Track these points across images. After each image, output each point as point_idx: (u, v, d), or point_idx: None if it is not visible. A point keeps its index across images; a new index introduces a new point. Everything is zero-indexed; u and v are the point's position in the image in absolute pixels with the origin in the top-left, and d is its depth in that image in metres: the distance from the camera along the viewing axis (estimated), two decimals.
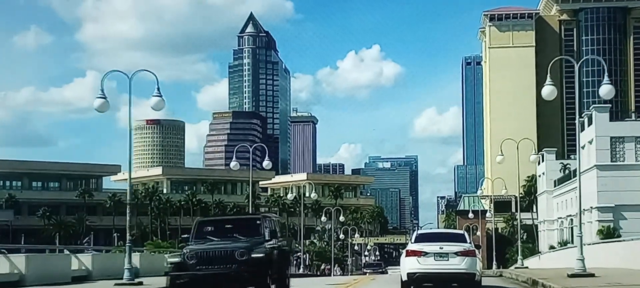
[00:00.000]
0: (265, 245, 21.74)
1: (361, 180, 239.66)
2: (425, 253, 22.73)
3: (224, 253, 21.23)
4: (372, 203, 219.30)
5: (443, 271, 22.62)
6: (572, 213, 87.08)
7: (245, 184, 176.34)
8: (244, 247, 21.36)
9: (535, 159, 61.57)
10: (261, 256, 21.14)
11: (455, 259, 22.53)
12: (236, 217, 29.65)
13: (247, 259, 20.95)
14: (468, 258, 22.63)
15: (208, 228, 23.12)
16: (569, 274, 27.12)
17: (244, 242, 21.76)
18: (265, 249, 21.56)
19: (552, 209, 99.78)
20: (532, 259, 64.32)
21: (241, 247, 21.38)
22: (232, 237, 22.16)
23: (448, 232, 28.05)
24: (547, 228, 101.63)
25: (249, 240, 21.83)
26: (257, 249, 21.32)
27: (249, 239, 21.91)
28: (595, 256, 36.90)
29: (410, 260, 23.03)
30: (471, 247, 23.22)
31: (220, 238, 22.15)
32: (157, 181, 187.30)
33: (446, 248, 22.75)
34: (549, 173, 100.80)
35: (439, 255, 22.62)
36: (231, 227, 23.55)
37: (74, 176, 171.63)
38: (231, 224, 24.18)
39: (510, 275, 37.18)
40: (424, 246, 23.02)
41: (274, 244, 22.56)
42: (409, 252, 23.22)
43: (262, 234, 22.42)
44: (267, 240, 22.30)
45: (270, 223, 23.47)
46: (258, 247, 21.44)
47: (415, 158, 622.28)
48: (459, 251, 22.65)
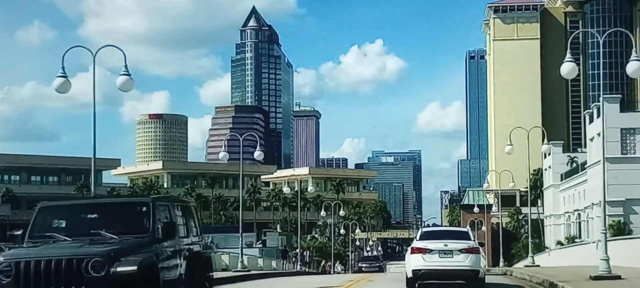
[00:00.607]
0: (146, 250, 13.84)
1: (364, 175, 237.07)
2: (430, 251, 23.11)
3: (64, 265, 13.00)
4: (375, 197, 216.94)
5: (447, 268, 22.99)
6: (580, 207, 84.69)
7: (248, 178, 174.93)
8: (103, 254, 13.17)
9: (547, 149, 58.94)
10: (132, 270, 13.07)
11: (459, 256, 22.91)
12: (105, 201, 18.62)
13: (106, 276, 12.97)
14: (472, 255, 23.02)
15: (58, 221, 14.98)
16: (591, 276, 25.04)
17: (109, 244, 13.71)
18: (144, 257, 13.57)
19: (558, 203, 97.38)
20: (540, 256, 62.00)
21: (98, 253, 13.18)
22: (94, 236, 14.12)
23: (452, 230, 29.07)
24: (553, 223, 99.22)
25: (122, 241, 13.91)
26: (128, 258, 13.28)
27: (123, 239, 14.01)
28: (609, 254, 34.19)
29: (415, 257, 23.37)
30: (475, 244, 23.56)
31: (75, 237, 14.14)
32: (158, 175, 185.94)
33: (450, 245, 23.14)
34: (556, 166, 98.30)
35: (444, 253, 23.00)
36: (98, 218, 14.95)
37: (73, 170, 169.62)
38: (98, 213, 15.24)
39: (521, 275, 34.67)
40: (429, 243, 23.42)
41: (171, 247, 14.79)
42: (414, 249, 23.60)
43: (148, 230, 14.34)
44: (158, 239, 14.40)
45: (167, 212, 15.23)
46: (132, 254, 13.42)
47: (419, 153, 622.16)
48: (463, 248, 23.04)
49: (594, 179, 73.55)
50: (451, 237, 24.29)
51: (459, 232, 25.77)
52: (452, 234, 25.30)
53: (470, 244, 23.40)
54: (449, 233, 26.06)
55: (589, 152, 75.34)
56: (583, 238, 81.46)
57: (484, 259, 25.53)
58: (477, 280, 23.29)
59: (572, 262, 41.18)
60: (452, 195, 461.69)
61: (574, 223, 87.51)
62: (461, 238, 23.88)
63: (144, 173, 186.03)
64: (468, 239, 23.86)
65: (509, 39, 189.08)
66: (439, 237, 24.13)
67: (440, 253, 23.02)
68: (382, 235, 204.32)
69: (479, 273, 23.18)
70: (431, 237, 24.22)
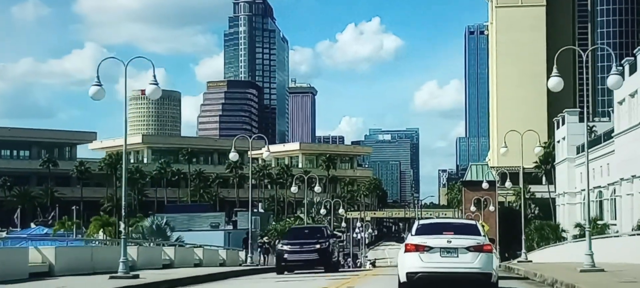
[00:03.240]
0: None
1: (358, 151, 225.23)
2: (430, 248, 19.27)
3: None
4: (370, 175, 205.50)
5: (452, 270, 19.07)
6: (602, 184, 72.94)
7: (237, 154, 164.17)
8: None
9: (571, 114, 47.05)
10: None
11: (466, 256, 19.05)
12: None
13: None
14: (482, 254, 19.06)
15: None
16: None
17: None
18: None
19: (574, 180, 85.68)
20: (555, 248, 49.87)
21: None
22: None
23: (457, 222, 23.16)
24: (567, 202, 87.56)
25: None
26: None
27: None
28: None
29: (410, 256, 19.46)
30: (486, 241, 19.45)
31: None
32: (138, 150, 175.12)
33: (455, 242, 19.23)
34: (571, 138, 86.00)
35: (447, 251, 19.17)
36: None
37: (45, 143, 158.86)
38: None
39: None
40: (428, 239, 19.47)
41: None
42: (408, 246, 19.63)
43: None
44: None
45: None
46: None
47: (417, 131, 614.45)
48: (472, 246, 19.14)
49: (624, 149, 61.81)
50: (455, 231, 20.02)
51: (465, 225, 21.21)
52: (456, 228, 20.66)
53: (480, 241, 19.29)
54: (453, 226, 21.05)
55: (617, 117, 63.14)
56: (606, 220, 69.74)
57: (497, 259, 20.95)
58: (489, 285, 19.35)
59: (624, 257, 29.97)
60: (450, 174, 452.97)
61: (595, 202, 75.70)
62: (468, 233, 19.77)
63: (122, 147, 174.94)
64: (477, 234, 19.76)
65: (512, 5, 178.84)
66: (440, 231, 19.94)
67: (442, 252, 19.11)
68: (376, 214, 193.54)
69: (491, 277, 19.25)
70: (430, 231, 20.02)
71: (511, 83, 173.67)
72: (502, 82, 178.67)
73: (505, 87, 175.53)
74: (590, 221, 29.79)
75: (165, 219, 59.53)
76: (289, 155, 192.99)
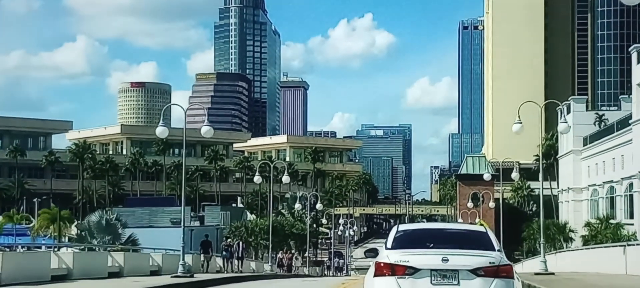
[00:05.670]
0: None
1: (348, 145, 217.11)
2: (414, 271, 11.25)
3: None
4: (359, 169, 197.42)
5: None
6: (615, 178, 65.23)
7: (221, 146, 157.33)
8: None
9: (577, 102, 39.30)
10: None
11: (472, 283, 11.16)
12: None
13: None
14: (498, 281, 11.19)
15: None
16: None
17: None
18: None
19: (580, 174, 77.86)
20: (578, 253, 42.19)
21: None
22: None
23: (457, 229, 13.74)
24: (573, 199, 79.72)
25: None
26: None
27: None
28: None
29: (382, 282, 11.36)
30: (503, 259, 11.46)
31: None
32: (117, 141, 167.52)
33: (455, 260, 11.21)
34: (577, 128, 77.85)
35: (441, 275, 11.24)
36: None
37: (18, 133, 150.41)
38: None
39: None
40: (412, 256, 11.35)
41: None
42: (380, 266, 11.49)
43: None
44: None
45: None
46: None
47: (409, 127, 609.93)
48: (481, 267, 11.21)
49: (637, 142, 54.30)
50: (455, 242, 11.80)
51: (469, 234, 12.62)
52: (455, 237, 12.39)
53: (495, 259, 11.30)
54: (450, 235, 12.72)
55: (637, 102, 55.24)
56: (619, 219, 62.09)
57: (518, 283, 11.95)
58: None
59: None
60: (443, 170, 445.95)
61: (604, 199, 67.98)
62: (474, 246, 11.62)
63: (101, 138, 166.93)
64: (488, 247, 11.67)
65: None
66: (430, 242, 11.70)
67: (433, 277, 11.16)
68: (366, 210, 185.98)
69: None
70: (416, 243, 11.69)
71: (507, 74, 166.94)
72: (498, 75, 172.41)
73: (501, 80, 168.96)
74: None
75: (116, 213, 51.40)
76: (277, 149, 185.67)
